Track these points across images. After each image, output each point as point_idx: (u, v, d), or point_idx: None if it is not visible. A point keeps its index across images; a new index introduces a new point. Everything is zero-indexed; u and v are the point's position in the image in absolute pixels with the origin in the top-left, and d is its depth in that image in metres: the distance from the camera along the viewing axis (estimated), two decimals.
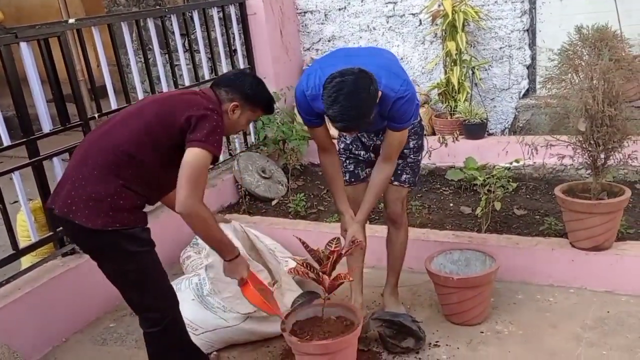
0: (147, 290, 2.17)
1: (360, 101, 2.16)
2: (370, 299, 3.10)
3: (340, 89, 2.14)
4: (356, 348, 2.49)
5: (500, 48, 4.62)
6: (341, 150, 2.82)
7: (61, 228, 3.12)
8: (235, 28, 4.65)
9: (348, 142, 2.78)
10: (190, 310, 2.77)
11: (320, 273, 2.43)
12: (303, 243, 2.50)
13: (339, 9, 5.09)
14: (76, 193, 2.02)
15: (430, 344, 2.73)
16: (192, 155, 2.03)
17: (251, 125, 4.75)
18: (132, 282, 2.15)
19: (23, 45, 2.95)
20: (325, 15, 5.16)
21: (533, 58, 4.62)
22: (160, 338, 2.24)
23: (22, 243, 3.12)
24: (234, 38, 4.65)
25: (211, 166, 3.19)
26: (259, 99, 2.30)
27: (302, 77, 2.50)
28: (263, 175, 4.39)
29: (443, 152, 4.29)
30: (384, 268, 3.01)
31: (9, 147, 2.91)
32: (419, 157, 2.79)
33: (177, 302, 2.28)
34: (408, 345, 2.66)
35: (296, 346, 2.39)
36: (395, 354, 2.67)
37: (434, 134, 4.62)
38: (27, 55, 2.97)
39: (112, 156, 2.05)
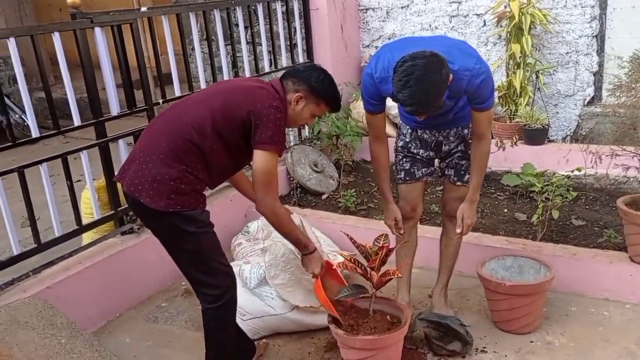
0: (203, 268, 2.25)
1: (431, 85, 2.14)
2: (417, 299, 3.09)
3: (411, 72, 2.12)
4: (401, 346, 2.49)
5: (567, 53, 4.49)
6: (399, 148, 2.81)
7: (122, 207, 3.28)
8: (297, 22, 4.70)
9: (407, 140, 2.77)
10: (239, 296, 2.82)
11: (369, 269, 2.44)
12: (351, 239, 2.51)
13: (402, 7, 5.06)
14: (142, 174, 2.12)
15: (477, 349, 2.69)
16: (262, 159, 2.16)
17: None
18: (189, 260, 2.25)
19: (97, 30, 3.08)
20: (387, 12, 5.14)
21: (600, 65, 4.47)
22: (217, 315, 2.33)
23: (85, 220, 3.26)
24: (295, 32, 4.70)
25: None
26: (324, 92, 2.32)
27: (370, 60, 2.50)
28: (315, 169, 4.43)
29: (500, 157, 4.20)
30: (433, 269, 2.99)
31: (79, 127, 3.05)
32: None
33: (234, 283, 2.36)
34: (454, 349, 2.63)
35: (342, 339, 2.41)
36: (441, 356, 2.65)
37: (492, 137, 4.54)
38: (100, 41, 3.10)
39: (177, 141, 2.14)
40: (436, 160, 2.82)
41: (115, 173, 3.25)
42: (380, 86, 2.42)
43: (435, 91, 2.16)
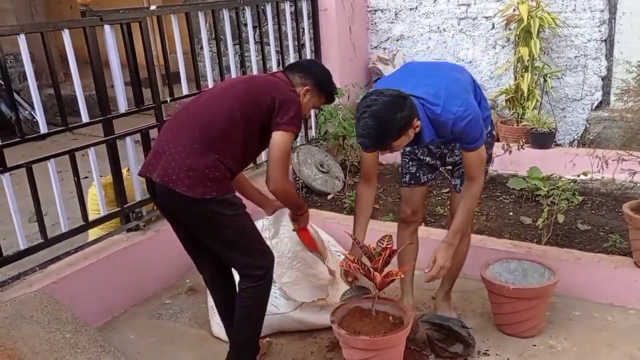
0: (246, 249, 2.32)
1: (382, 123, 2.13)
2: (420, 300, 3.09)
3: (369, 105, 2.15)
4: (404, 347, 2.49)
5: (575, 57, 4.48)
6: (406, 152, 2.81)
7: (128, 204, 3.31)
8: (306, 23, 4.71)
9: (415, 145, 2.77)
10: None
11: (372, 269, 2.44)
12: (354, 239, 2.52)
13: (410, 9, 5.06)
14: (176, 164, 2.16)
15: (479, 352, 2.69)
16: (282, 138, 2.26)
17: (312, 120, 4.81)
18: (231, 243, 2.30)
19: (107, 28, 3.10)
20: (396, 14, 5.15)
21: (609, 69, 4.46)
22: (255, 294, 2.38)
23: (92, 216, 3.28)
24: (303, 32, 4.71)
25: None
26: (327, 87, 2.49)
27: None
28: (321, 169, 4.44)
29: (506, 160, 4.20)
30: None
31: (88, 124, 3.08)
32: (486, 168, 2.70)
33: (274, 262, 2.43)
34: (456, 351, 2.63)
35: (344, 339, 2.41)
36: (443, 358, 2.65)
37: (498, 140, 4.53)
38: (110, 38, 3.12)
39: (208, 130, 2.21)
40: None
41: (123, 170, 3.31)
42: None
43: (385, 131, 2.14)
